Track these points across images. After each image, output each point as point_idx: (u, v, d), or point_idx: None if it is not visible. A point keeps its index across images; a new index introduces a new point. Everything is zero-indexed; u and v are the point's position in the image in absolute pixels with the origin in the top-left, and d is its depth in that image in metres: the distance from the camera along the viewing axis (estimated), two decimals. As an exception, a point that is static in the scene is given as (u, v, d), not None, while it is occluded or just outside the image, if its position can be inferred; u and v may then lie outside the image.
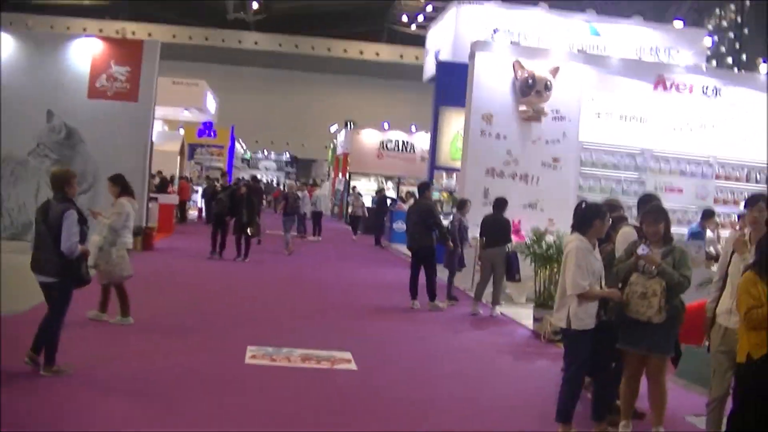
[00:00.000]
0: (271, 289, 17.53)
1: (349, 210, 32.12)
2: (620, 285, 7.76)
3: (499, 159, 19.21)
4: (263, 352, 10.61)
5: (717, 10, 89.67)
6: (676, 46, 26.00)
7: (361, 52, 77.95)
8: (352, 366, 10.32)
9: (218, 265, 20.43)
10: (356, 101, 74.96)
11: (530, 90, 19.09)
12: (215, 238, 21.70)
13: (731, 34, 74.94)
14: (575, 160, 19.54)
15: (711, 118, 20.28)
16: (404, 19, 70.99)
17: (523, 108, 19.15)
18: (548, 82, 19.14)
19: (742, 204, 20.03)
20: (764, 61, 21.53)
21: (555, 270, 13.49)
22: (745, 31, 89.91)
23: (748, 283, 6.48)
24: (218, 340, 11.38)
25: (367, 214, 34.62)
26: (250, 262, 21.22)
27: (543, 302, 13.49)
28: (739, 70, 50.04)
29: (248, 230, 21.36)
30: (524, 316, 15.01)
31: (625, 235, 8.52)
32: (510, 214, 16.83)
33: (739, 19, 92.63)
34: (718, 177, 20.52)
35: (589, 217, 7.77)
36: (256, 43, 73.74)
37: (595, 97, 19.62)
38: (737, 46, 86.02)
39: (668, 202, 19.47)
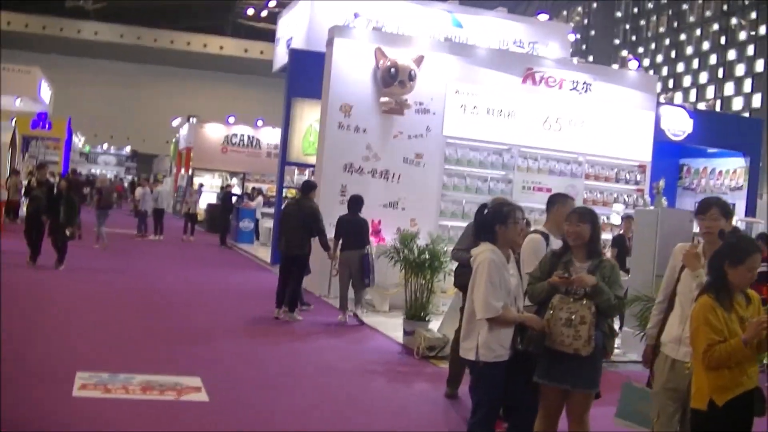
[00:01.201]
0: (104, 301, 14.93)
1: (185, 208, 29.87)
2: (536, 308, 6.30)
3: (358, 154, 17.68)
4: (96, 380, 8.70)
5: (564, 12, 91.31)
6: (540, 40, 24.99)
7: (205, 46, 75.90)
8: (203, 396, 8.51)
9: (36, 274, 17.42)
10: (200, 95, 72.92)
11: (393, 80, 17.59)
12: (30, 241, 18.61)
13: (578, 35, 76.04)
14: (439, 157, 18.20)
15: (581, 114, 19.34)
16: (249, 12, 69.21)
17: (384, 99, 17.65)
18: (412, 72, 17.70)
19: (618, 206, 19.71)
20: (631, 59, 20.67)
21: (428, 278, 12.05)
22: (592, 33, 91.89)
23: (706, 311, 5.08)
24: (40, 365, 9.40)
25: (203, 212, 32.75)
26: (77, 267, 18.42)
27: (414, 314, 12.01)
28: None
29: (66, 232, 18.09)
30: (390, 327, 13.57)
31: (534, 242, 7.07)
32: (369, 213, 15.64)
33: (585, 21, 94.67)
34: (587, 176, 19.61)
35: (490, 223, 6.28)
36: (96, 33, 70.92)
37: (460, 89, 18.32)
38: (584, 47, 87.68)
39: (535, 203, 18.70)
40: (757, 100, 66.80)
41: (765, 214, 25.24)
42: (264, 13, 61.72)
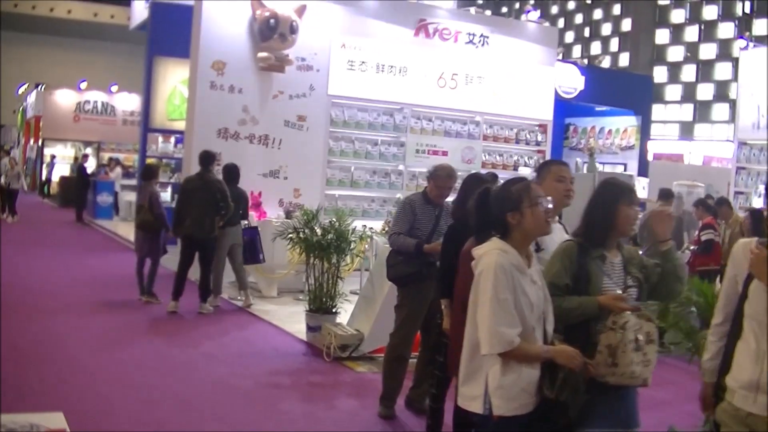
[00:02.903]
0: None
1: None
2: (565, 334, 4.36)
3: (233, 117, 15.51)
4: None
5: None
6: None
7: (52, 10, 71.62)
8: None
9: None
10: (49, 62, 68.81)
11: (272, 33, 15.44)
12: None
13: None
14: (324, 119, 16.23)
15: (478, 70, 17.65)
16: (99, -27, 65.52)
17: (263, 55, 15.49)
18: (294, 24, 15.60)
19: (525, 170, 18.10)
20: (530, 11, 19.08)
21: (333, 262, 10.07)
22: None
23: None
24: None
25: (25, 187, 29.54)
26: None
27: (319, 306, 10.03)
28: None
29: None
30: (285, 318, 11.63)
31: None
32: (247, 184, 13.89)
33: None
34: (485, 137, 17.96)
35: (497, 213, 4.27)
36: (-74, -9, 65.96)
37: (347, 43, 16.35)
38: None
39: (429, 167, 16.90)
40: (624, 59, 66.82)
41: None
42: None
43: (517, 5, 73.65)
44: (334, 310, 10.03)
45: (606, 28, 72.08)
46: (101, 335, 10.36)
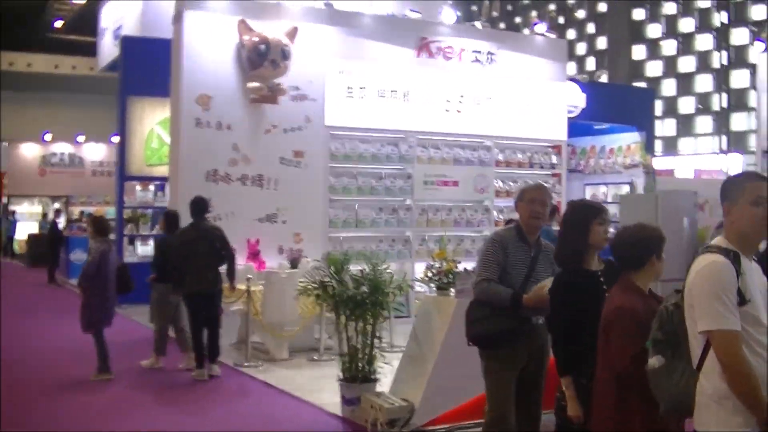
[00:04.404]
0: None
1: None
2: None
3: (222, 157, 13.93)
4: None
5: None
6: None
7: (11, 64, 70.10)
8: None
9: None
10: (11, 116, 67.09)
11: (262, 59, 13.85)
12: None
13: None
14: (323, 153, 14.66)
15: (486, 90, 16.17)
16: (58, 24, 63.91)
17: (253, 85, 13.90)
18: (286, 49, 14.03)
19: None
20: (537, 23, 17.58)
21: (368, 320, 8.36)
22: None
23: None
24: None
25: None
26: None
27: (356, 374, 8.32)
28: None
29: None
30: (306, 386, 9.89)
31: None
32: (242, 231, 12.96)
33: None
34: (498, 164, 16.42)
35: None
36: None
37: (344, 68, 14.81)
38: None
39: (440, 201, 15.49)
40: (602, 78, 66.04)
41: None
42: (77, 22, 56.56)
43: (518, 19, 72.89)
44: (373, 377, 8.32)
45: (581, 48, 71.20)
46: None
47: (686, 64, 63.42)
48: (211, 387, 10.16)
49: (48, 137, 37.29)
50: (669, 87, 63.94)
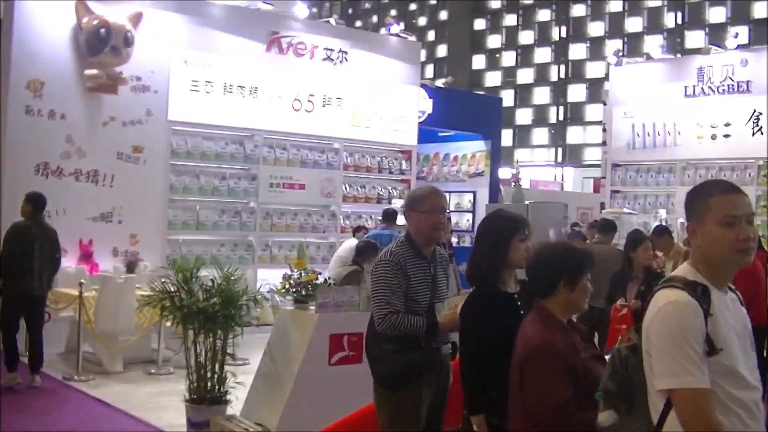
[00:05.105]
0: None
1: None
2: None
3: (54, 149, 12.73)
4: None
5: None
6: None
7: None
8: None
9: None
10: None
11: (103, 45, 12.74)
12: None
13: None
14: (164, 150, 13.71)
15: (336, 90, 15.60)
16: None
17: (91, 72, 12.80)
18: (129, 35, 13.02)
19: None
20: (392, 24, 17.04)
21: (218, 334, 7.59)
22: None
23: None
24: None
25: None
26: None
27: (204, 394, 7.53)
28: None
29: None
30: (144, 404, 9.07)
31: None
32: (74, 230, 12.05)
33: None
34: (346, 167, 15.87)
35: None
36: None
37: (190, 59, 13.92)
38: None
39: (285, 204, 14.92)
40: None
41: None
42: None
43: (375, 18, 72.39)
44: (224, 399, 7.55)
45: (421, 55, 71.64)
46: None
47: (525, 75, 64.66)
48: (36, 402, 9.17)
49: None
50: (507, 98, 65.12)
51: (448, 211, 5.47)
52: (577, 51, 61.07)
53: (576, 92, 61.25)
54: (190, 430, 7.49)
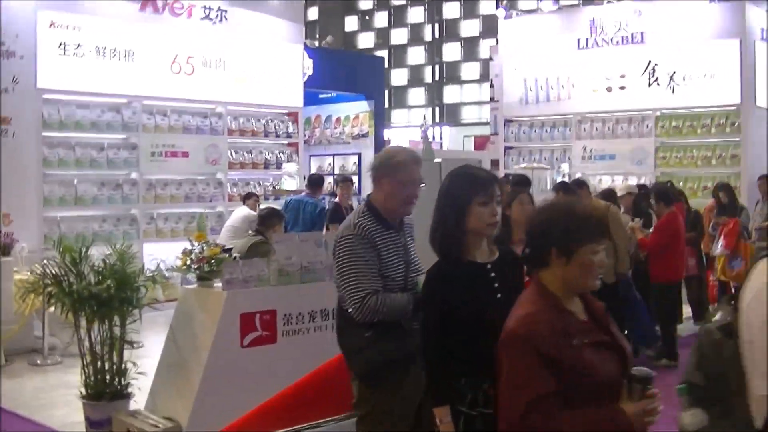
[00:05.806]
0: None
1: None
2: None
3: None
4: None
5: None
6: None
7: None
8: None
9: None
10: None
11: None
12: None
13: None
14: (35, 120, 12.63)
15: (217, 51, 14.77)
16: None
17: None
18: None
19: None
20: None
21: (114, 321, 6.80)
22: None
23: None
24: None
25: None
26: None
27: (103, 389, 6.72)
28: None
29: None
30: (34, 401, 8.24)
31: None
32: None
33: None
34: (231, 132, 15.11)
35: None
36: None
37: (57, 20, 12.84)
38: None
39: (168, 174, 14.06)
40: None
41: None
42: None
43: None
44: (125, 393, 6.78)
45: (303, 13, 70.46)
46: None
47: (398, 36, 64.18)
48: None
49: None
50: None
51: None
52: (452, 10, 60.92)
53: (451, 51, 61.17)
54: (90, 430, 6.70)
